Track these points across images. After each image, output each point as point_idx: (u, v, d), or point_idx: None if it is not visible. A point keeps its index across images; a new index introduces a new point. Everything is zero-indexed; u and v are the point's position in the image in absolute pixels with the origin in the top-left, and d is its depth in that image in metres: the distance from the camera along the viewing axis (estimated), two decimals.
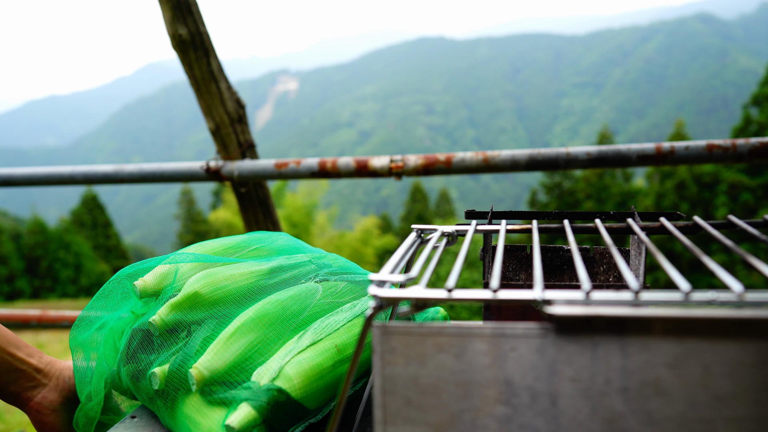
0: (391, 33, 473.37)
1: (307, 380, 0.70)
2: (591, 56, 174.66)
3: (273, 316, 0.76)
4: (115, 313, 0.83)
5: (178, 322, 0.77)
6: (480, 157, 1.68)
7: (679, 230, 0.66)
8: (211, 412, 0.69)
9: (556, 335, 0.43)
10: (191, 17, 1.76)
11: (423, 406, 0.45)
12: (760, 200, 20.24)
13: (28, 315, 2.09)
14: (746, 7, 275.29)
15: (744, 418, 0.41)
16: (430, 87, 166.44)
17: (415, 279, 0.51)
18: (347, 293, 0.84)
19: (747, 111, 22.37)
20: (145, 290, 0.80)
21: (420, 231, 0.72)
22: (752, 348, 0.41)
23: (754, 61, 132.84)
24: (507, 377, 0.44)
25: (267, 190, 2.00)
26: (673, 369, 0.41)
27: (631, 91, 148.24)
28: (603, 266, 0.88)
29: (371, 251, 22.27)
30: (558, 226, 0.71)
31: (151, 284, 0.80)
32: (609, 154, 1.62)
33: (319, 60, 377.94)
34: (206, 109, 1.85)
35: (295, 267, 0.88)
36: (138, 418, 0.81)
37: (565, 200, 25.71)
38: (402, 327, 0.45)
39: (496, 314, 0.79)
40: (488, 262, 0.81)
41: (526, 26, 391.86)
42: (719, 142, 1.56)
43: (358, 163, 1.76)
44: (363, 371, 0.78)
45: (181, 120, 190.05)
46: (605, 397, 0.42)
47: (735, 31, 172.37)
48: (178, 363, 0.73)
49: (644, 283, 0.78)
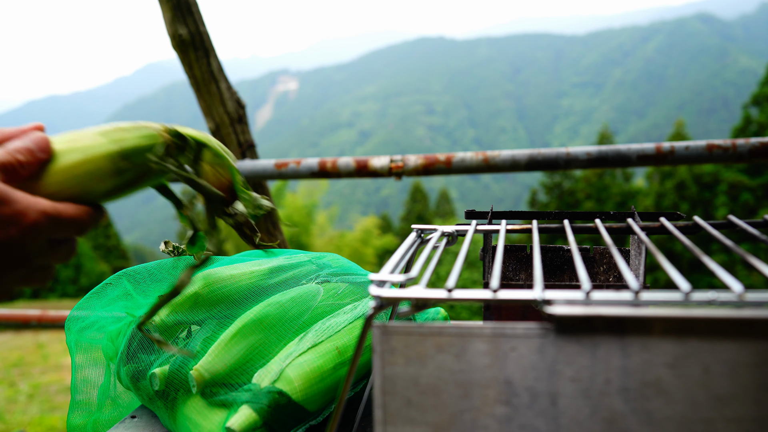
0: (391, 33, 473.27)
1: (307, 382, 0.70)
2: (591, 56, 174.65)
3: (274, 318, 0.76)
4: (109, 309, 0.83)
5: (178, 322, 0.77)
6: (480, 157, 1.68)
7: (679, 230, 0.66)
8: (212, 414, 0.69)
9: (556, 335, 0.43)
10: (191, 17, 1.76)
11: (423, 406, 0.45)
12: (760, 200, 20.24)
13: (28, 315, 2.09)
14: (746, 7, 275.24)
15: (744, 418, 0.41)
16: (430, 87, 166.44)
17: (415, 279, 0.51)
18: (348, 295, 0.84)
19: (747, 111, 22.37)
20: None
21: (420, 231, 0.72)
22: (752, 348, 0.41)
23: (754, 61, 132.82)
24: (507, 377, 0.44)
25: (267, 190, 2.00)
26: (673, 369, 0.41)
27: (631, 91, 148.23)
28: (603, 266, 0.88)
29: (371, 251, 22.27)
30: (558, 226, 0.71)
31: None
32: (609, 154, 1.62)
33: (319, 60, 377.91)
34: (206, 109, 1.85)
35: (295, 267, 0.88)
36: (138, 418, 0.81)
37: (565, 200, 25.71)
38: (402, 327, 0.45)
39: (496, 314, 0.79)
40: (488, 262, 0.81)
41: (526, 26, 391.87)
42: (719, 142, 1.56)
43: (358, 163, 1.76)
44: (363, 373, 0.78)
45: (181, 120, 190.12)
46: (605, 397, 0.42)
47: (735, 31, 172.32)
48: (179, 364, 0.73)
49: (644, 283, 0.78)
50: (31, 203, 0.48)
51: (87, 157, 0.53)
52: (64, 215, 0.50)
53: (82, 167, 0.52)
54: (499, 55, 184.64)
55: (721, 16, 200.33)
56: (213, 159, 0.60)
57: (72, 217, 0.51)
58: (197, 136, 0.59)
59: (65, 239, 0.53)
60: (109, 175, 0.54)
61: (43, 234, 0.49)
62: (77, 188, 0.52)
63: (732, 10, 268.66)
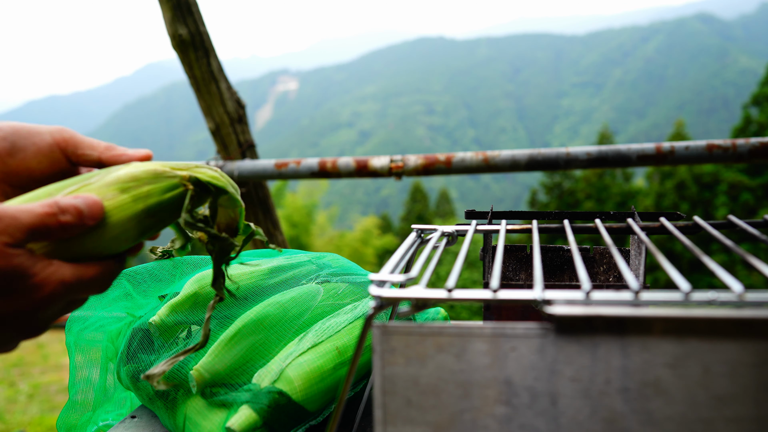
0: (391, 33, 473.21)
1: (307, 382, 0.70)
2: (591, 56, 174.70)
3: (274, 318, 0.76)
4: (109, 309, 0.83)
5: (178, 322, 0.77)
6: (480, 157, 1.68)
7: (679, 230, 0.66)
8: (212, 414, 0.69)
9: (556, 335, 0.43)
10: (191, 17, 1.76)
11: (423, 406, 0.45)
12: (760, 200, 20.24)
13: None
14: (746, 7, 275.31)
15: (744, 418, 0.41)
16: (430, 87, 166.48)
17: (415, 279, 0.51)
18: (348, 295, 0.84)
19: (747, 111, 22.37)
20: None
21: (420, 231, 0.72)
22: (752, 348, 0.41)
23: (754, 61, 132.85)
24: (507, 377, 0.44)
25: (267, 190, 2.00)
26: (673, 369, 0.41)
27: (631, 91, 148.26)
28: (603, 266, 0.88)
29: (371, 251, 22.27)
30: (558, 226, 0.71)
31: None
32: (609, 154, 1.62)
33: (319, 60, 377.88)
34: (206, 109, 1.85)
35: (295, 267, 0.88)
36: (138, 418, 0.81)
37: (565, 200, 25.71)
38: (402, 327, 0.45)
39: (496, 314, 0.79)
40: (488, 262, 0.81)
41: (526, 26, 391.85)
42: (719, 142, 1.56)
43: (358, 163, 1.76)
44: (363, 373, 0.78)
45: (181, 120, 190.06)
46: (605, 397, 0.42)
47: (735, 31, 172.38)
48: (179, 364, 0.73)
49: (644, 283, 0.78)
50: (50, 274, 0.44)
51: (113, 222, 0.48)
52: (86, 278, 0.47)
53: (110, 232, 0.48)
54: (499, 55, 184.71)
55: (721, 16, 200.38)
56: (227, 203, 0.59)
57: (94, 278, 0.47)
58: (216, 181, 0.56)
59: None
60: (134, 235, 0.50)
61: (60, 302, 0.46)
62: (99, 249, 0.48)
63: (732, 10, 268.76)
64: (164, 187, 0.52)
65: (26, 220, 0.43)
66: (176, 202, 0.53)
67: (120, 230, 0.49)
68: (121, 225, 0.49)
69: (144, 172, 0.52)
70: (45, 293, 0.44)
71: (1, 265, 0.41)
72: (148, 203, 0.51)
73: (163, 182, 0.52)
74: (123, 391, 0.87)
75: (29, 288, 0.43)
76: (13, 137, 0.52)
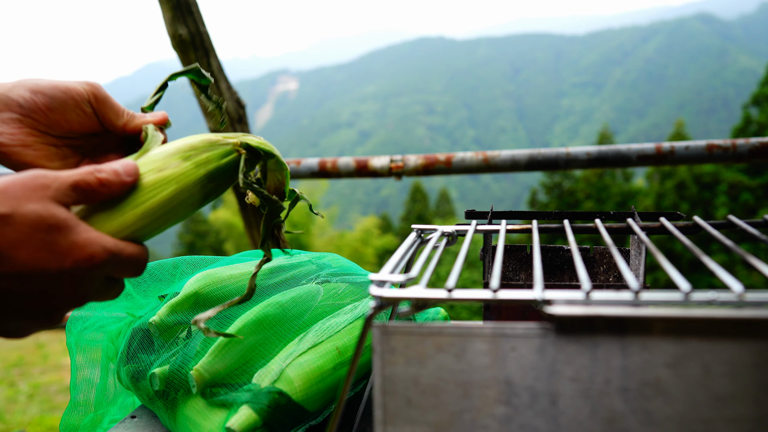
0: (391, 33, 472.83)
1: (308, 383, 0.70)
2: (591, 56, 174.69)
3: (274, 318, 0.76)
4: (109, 309, 0.83)
5: (178, 322, 0.77)
6: (480, 157, 1.68)
7: (679, 230, 0.66)
8: (212, 414, 0.69)
9: (556, 335, 0.43)
10: (191, 17, 1.76)
11: (423, 406, 0.45)
12: (760, 200, 20.24)
13: None
14: (746, 7, 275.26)
15: (744, 418, 0.41)
16: (430, 87, 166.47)
17: (415, 279, 0.51)
18: (348, 295, 0.84)
19: (747, 111, 22.37)
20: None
21: (420, 231, 0.72)
22: (752, 348, 0.41)
23: (754, 61, 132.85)
24: (507, 377, 0.44)
25: None
26: (673, 369, 0.41)
27: (631, 91, 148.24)
28: (603, 266, 0.88)
29: (371, 251, 22.26)
30: (558, 226, 0.71)
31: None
32: (609, 154, 1.62)
33: (319, 60, 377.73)
34: (206, 109, 1.85)
35: (295, 267, 0.88)
36: (138, 418, 0.81)
37: (565, 200, 25.71)
38: (402, 327, 0.45)
39: (496, 314, 0.79)
40: (488, 262, 0.81)
41: (526, 26, 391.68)
42: (719, 142, 1.56)
43: (358, 163, 1.76)
44: (363, 373, 0.78)
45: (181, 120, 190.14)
46: (605, 397, 0.42)
47: (735, 31, 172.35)
48: (179, 364, 0.73)
49: (644, 283, 0.78)
50: (92, 236, 0.45)
51: (181, 188, 0.52)
52: (125, 253, 0.48)
53: (178, 198, 0.52)
54: (499, 55, 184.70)
55: (721, 16, 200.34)
56: (275, 166, 0.61)
57: (132, 255, 0.48)
58: (264, 146, 0.60)
59: (119, 279, 0.50)
60: (198, 200, 0.54)
61: (102, 270, 0.46)
62: (163, 220, 0.51)
63: (732, 10, 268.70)
64: (220, 153, 0.56)
65: (68, 177, 0.46)
66: (232, 167, 0.57)
67: (187, 194, 0.52)
68: (188, 190, 0.52)
69: (201, 142, 0.56)
70: (86, 254, 0.45)
71: (47, 218, 0.43)
72: (209, 168, 0.54)
73: (219, 149, 0.56)
74: (129, 396, 0.87)
75: (72, 245, 0.44)
76: (52, 92, 0.56)
